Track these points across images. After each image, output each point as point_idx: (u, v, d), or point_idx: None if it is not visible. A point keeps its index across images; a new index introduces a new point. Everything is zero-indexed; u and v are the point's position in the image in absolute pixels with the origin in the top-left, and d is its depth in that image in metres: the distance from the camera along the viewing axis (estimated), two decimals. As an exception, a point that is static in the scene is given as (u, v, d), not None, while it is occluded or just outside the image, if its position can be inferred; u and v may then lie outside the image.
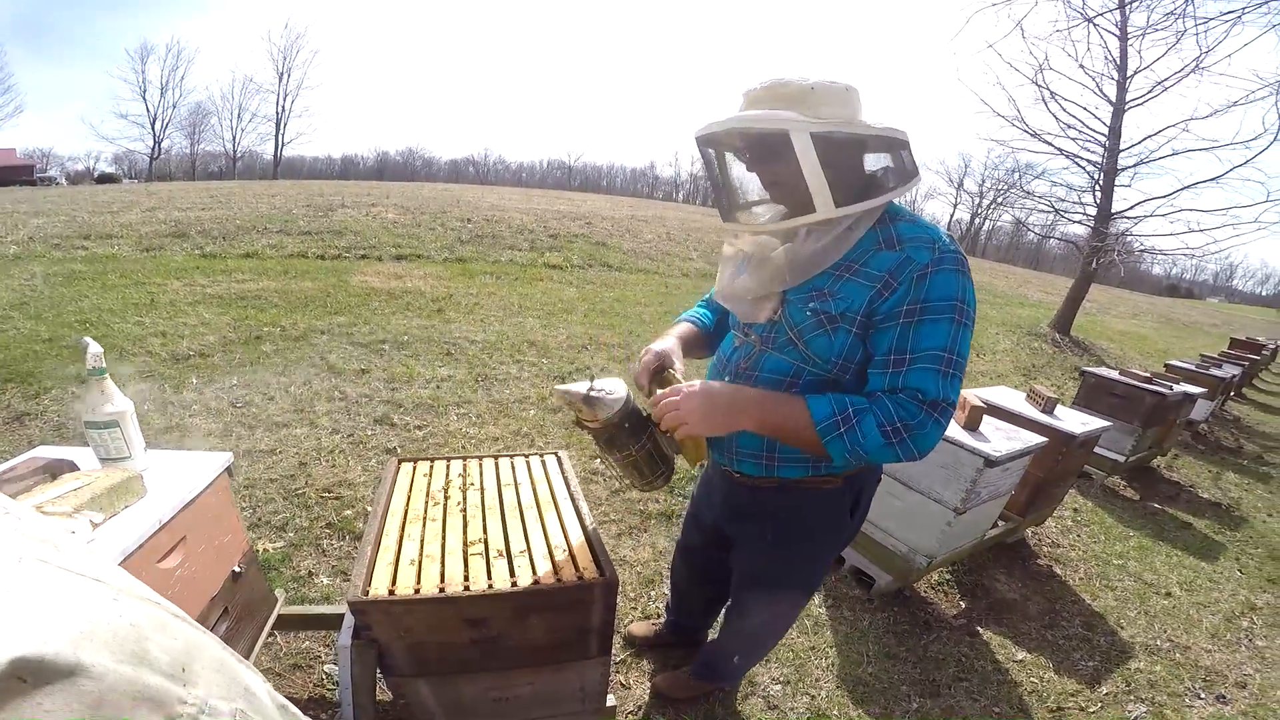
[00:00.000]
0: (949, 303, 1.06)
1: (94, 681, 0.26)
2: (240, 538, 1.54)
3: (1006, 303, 13.55)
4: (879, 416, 1.06)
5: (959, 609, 2.58)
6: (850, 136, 1.07)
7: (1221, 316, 29.32)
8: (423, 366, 4.26)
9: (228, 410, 3.36)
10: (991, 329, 9.34)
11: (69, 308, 4.85)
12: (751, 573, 1.51)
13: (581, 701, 1.30)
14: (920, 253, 1.07)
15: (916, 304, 1.06)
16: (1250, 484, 4.81)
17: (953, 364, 1.06)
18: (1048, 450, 2.63)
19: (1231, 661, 2.53)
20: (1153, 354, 10.22)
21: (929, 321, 1.06)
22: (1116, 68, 8.53)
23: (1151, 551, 3.37)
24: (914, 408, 1.05)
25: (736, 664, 1.76)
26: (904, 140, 1.13)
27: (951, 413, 1.08)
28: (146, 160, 43.06)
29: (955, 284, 1.06)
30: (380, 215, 10.19)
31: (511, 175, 76.20)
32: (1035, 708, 2.12)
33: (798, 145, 1.04)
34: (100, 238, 7.61)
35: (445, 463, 1.62)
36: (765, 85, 1.09)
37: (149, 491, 1.27)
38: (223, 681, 0.33)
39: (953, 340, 1.06)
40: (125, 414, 1.31)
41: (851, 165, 1.11)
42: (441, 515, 1.36)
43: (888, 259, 1.09)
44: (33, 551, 0.29)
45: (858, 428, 1.06)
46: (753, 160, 1.16)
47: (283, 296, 5.66)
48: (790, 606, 1.58)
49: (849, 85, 1.08)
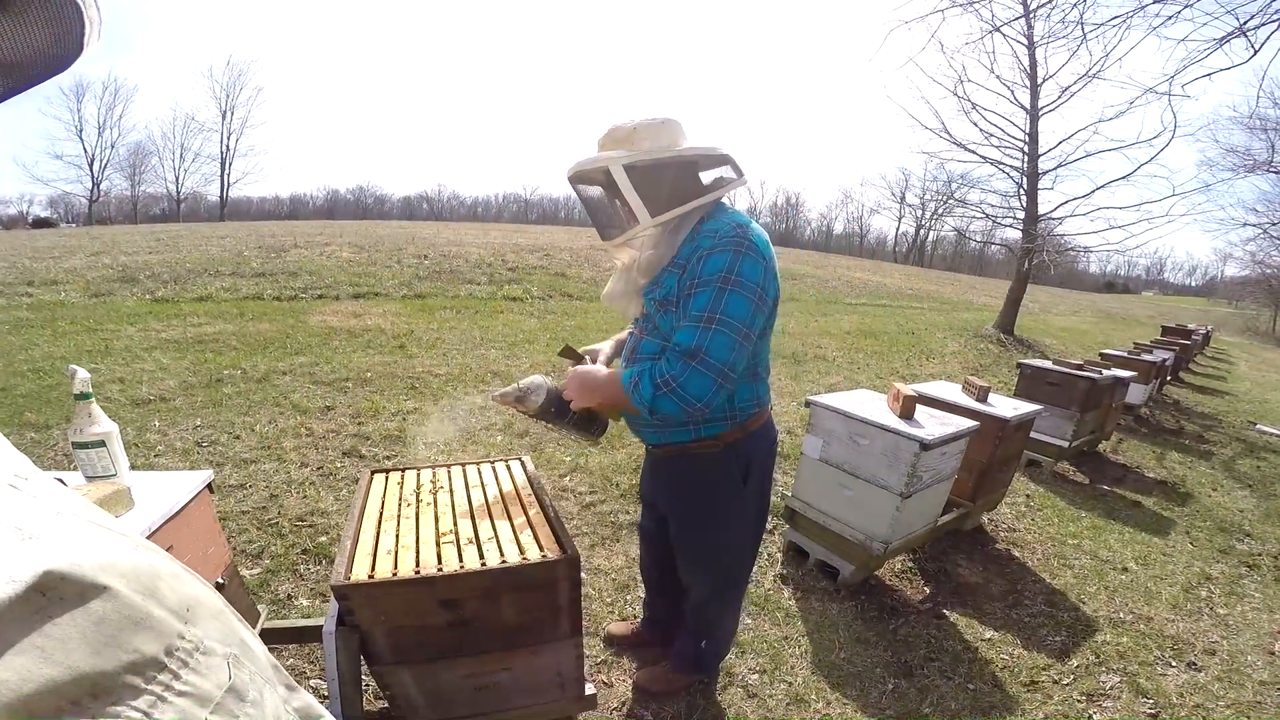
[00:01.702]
0: (717, 274, 1.31)
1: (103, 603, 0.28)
2: (223, 550, 1.60)
3: (953, 308, 14.12)
4: (652, 374, 1.33)
5: (924, 594, 2.70)
6: (655, 161, 1.35)
7: (1157, 309, 30.98)
8: (387, 401, 4.28)
9: (194, 450, 3.34)
10: (939, 333, 9.74)
11: (19, 356, 4.72)
12: (680, 543, 1.74)
13: (560, 688, 1.37)
14: (704, 240, 1.36)
15: (694, 280, 1.34)
16: (1193, 462, 5.11)
17: (715, 321, 1.29)
18: (985, 434, 2.83)
19: (1196, 630, 2.65)
20: (1092, 346, 10.76)
21: (698, 292, 1.32)
22: (1027, 75, 9.11)
23: (1105, 530, 3.54)
24: (675, 361, 1.31)
25: (706, 649, 1.89)
26: (718, 154, 1.43)
27: (714, 363, 1.29)
28: (85, 203, 41.42)
29: (725, 261, 1.31)
30: (335, 254, 10.13)
31: (467, 210, 75.72)
32: (1008, 682, 2.21)
33: (616, 176, 1.35)
34: (45, 284, 7.39)
35: (416, 471, 1.72)
36: (606, 133, 1.43)
37: (136, 504, 1.35)
38: (221, 629, 0.35)
39: (713, 303, 1.30)
40: (111, 434, 1.40)
41: (664, 182, 1.37)
42: (414, 514, 1.46)
43: (687, 249, 1.39)
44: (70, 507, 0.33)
45: (640, 386, 1.34)
46: (605, 192, 1.48)
47: (241, 339, 5.60)
48: (725, 575, 1.76)
49: (665, 119, 1.40)
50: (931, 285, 20.38)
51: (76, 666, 0.26)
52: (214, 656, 0.33)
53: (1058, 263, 9.92)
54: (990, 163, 9.72)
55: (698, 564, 1.75)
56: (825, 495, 2.64)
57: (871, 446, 2.43)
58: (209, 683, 0.31)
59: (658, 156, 1.36)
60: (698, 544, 1.71)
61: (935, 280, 23.26)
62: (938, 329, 10.12)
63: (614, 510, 3.03)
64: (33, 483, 0.33)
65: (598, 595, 2.43)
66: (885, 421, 2.40)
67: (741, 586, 1.86)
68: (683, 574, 1.81)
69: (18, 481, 0.32)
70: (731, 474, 1.57)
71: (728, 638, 1.97)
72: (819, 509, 2.67)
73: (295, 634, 1.78)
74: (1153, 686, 2.27)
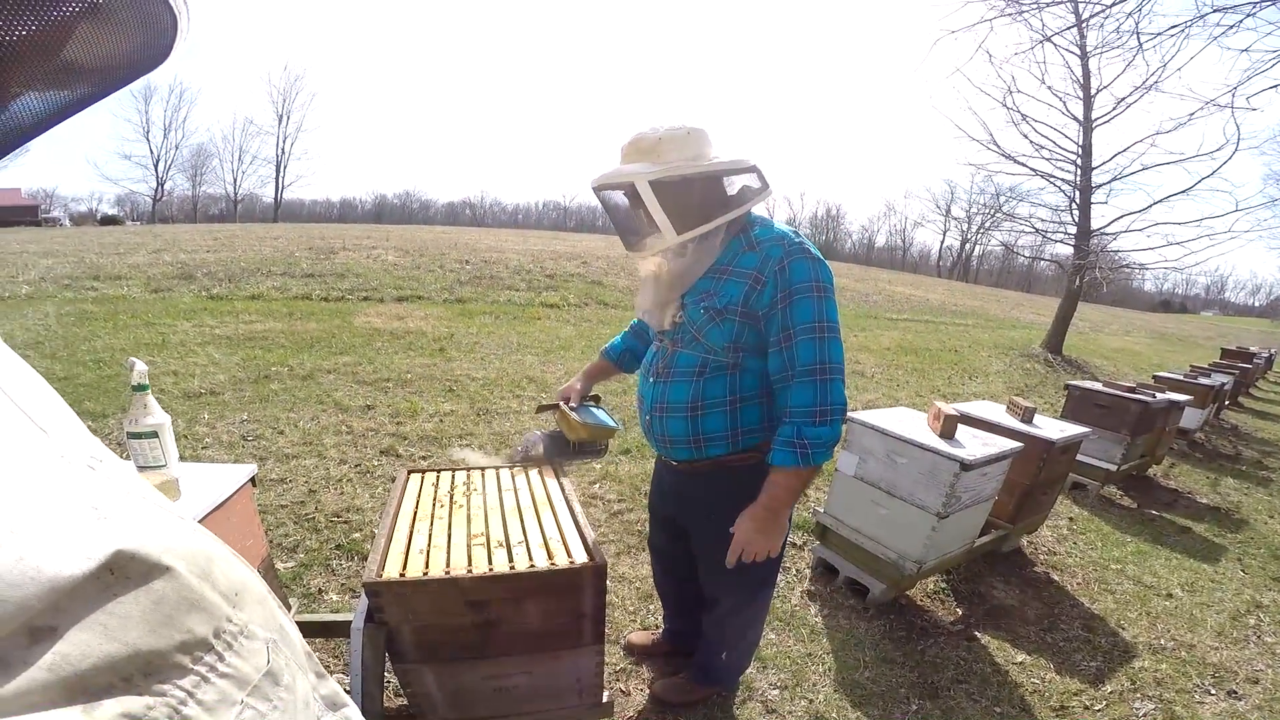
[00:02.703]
0: (806, 283, 1.34)
1: (164, 583, 0.29)
2: (260, 544, 1.66)
3: (999, 326, 13.70)
4: (800, 422, 1.35)
5: (956, 615, 2.62)
6: (682, 177, 1.34)
7: (1216, 330, 29.53)
8: (426, 402, 4.37)
9: (239, 443, 3.46)
10: (984, 351, 9.47)
11: (82, 347, 4.99)
12: (707, 558, 1.68)
13: (579, 695, 1.38)
14: (774, 249, 1.37)
15: (786, 291, 1.34)
16: (1250, 488, 4.84)
17: (824, 329, 1.34)
18: (1028, 456, 2.74)
19: (1241, 658, 2.52)
20: (1146, 369, 10.32)
21: (797, 303, 1.34)
22: (1080, 86, 8.79)
23: (1150, 555, 3.39)
24: (807, 384, 1.33)
25: (726, 661, 1.85)
26: (746, 166, 1.41)
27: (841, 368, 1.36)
28: (149, 202, 43.75)
29: (808, 269, 1.35)
30: (381, 258, 10.41)
31: (508, 217, 77.15)
32: (1038, 707, 2.13)
33: (641, 192, 1.34)
34: (109, 278, 7.80)
35: (450, 473, 1.75)
36: (630, 141, 1.40)
37: (183, 495, 1.41)
38: (264, 614, 0.37)
39: (817, 312, 1.34)
40: (164, 426, 1.45)
41: (691, 197, 1.37)
42: (447, 515, 1.49)
43: (752, 259, 1.38)
44: (138, 490, 0.35)
45: (807, 442, 1.34)
46: (630, 203, 1.45)
47: (289, 337, 5.80)
48: (752, 588, 1.71)
49: (691, 129, 1.36)
50: (976, 301, 19.86)
51: (134, 644, 0.27)
52: (255, 640, 0.34)
53: (1111, 280, 9.54)
54: (1040, 175, 9.42)
55: (726, 577, 1.67)
56: (858, 512, 2.59)
57: (910, 465, 2.38)
58: (249, 665, 0.32)
59: (685, 172, 1.35)
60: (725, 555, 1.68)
61: (980, 296, 22.63)
62: (982, 347, 9.84)
63: (641, 519, 3.02)
64: (107, 465, 0.34)
65: (621, 604, 2.42)
66: (925, 440, 2.35)
67: (767, 599, 1.83)
68: (706, 587, 1.77)
69: (93, 463, 0.33)
70: None
71: (749, 651, 1.95)
72: (851, 526, 2.62)
73: (323, 628, 1.83)
74: (1188, 715, 2.17)
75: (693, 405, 1.48)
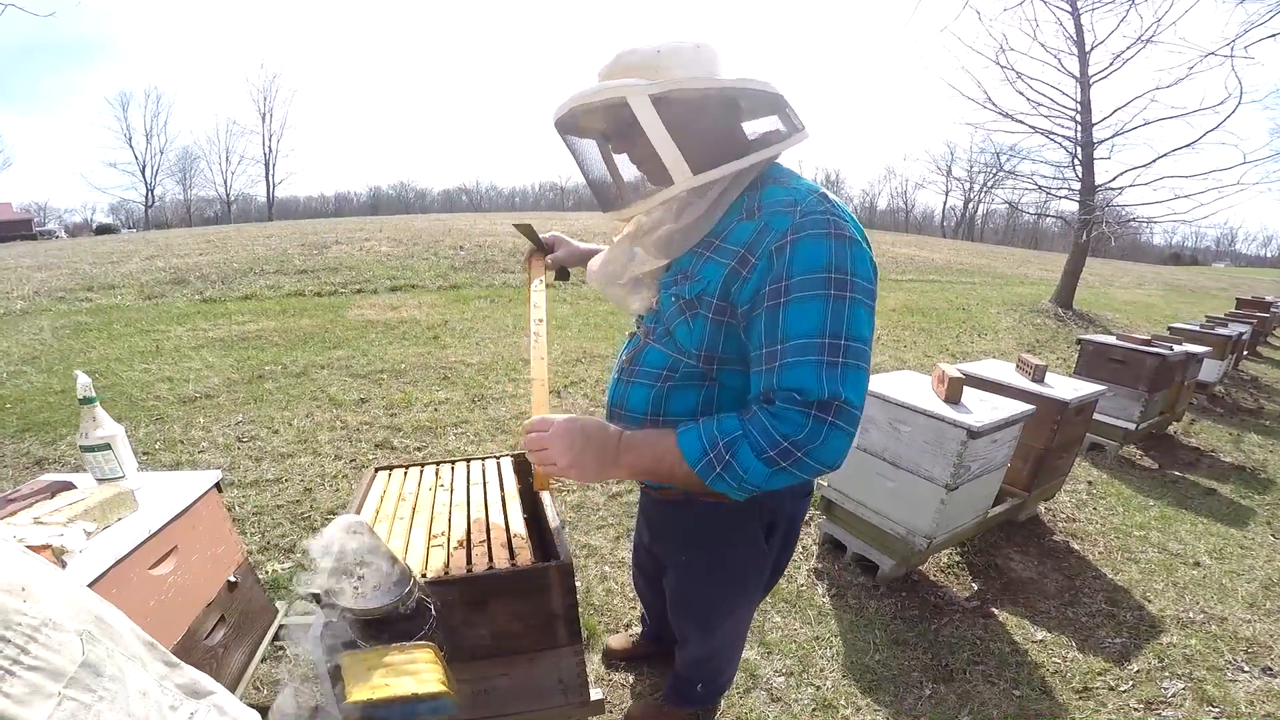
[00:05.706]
0: (818, 275, 0.89)
1: None
2: (234, 549, 1.61)
3: (1007, 282, 13.47)
4: (755, 441, 0.89)
5: (971, 591, 2.53)
6: (698, 93, 0.94)
7: (1229, 280, 28.99)
8: (420, 392, 4.31)
9: (235, 445, 3.43)
10: (992, 309, 9.30)
11: (78, 359, 4.97)
12: (680, 601, 1.43)
13: (564, 694, 1.31)
14: (778, 219, 0.93)
15: (779, 282, 0.91)
16: (1275, 444, 4.67)
17: (844, 350, 0.88)
18: (1041, 419, 2.62)
19: (1275, 631, 2.39)
20: (1160, 320, 10.12)
21: (796, 301, 0.89)
22: (1074, 42, 8.56)
23: (1175, 520, 3.25)
24: (796, 416, 0.87)
25: (702, 691, 1.67)
26: (772, 93, 0.99)
27: (855, 413, 0.89)
28: (142, 209, 43.95)
29: (824, 250, 0.89)
30: (374, 249, 10.31)
31: (505, 200, 76.83)
32: (1059, 688, 2.03)
33: (639, 112, 0.92)
34: (103, 288, 7.77)
35: (419, 468, 1.67)
36: (613, 58, 0.99)
37: (141, 505, 1.36)
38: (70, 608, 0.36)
39: (830, 319, 0.88)
40: (116, 437, 1.41)
41: (710, 126, 0.97)
42: (410, 514, 1.41)
43: (745, 230, 0.96)
44: None
45: (734, 462, 0.90)
46: (613, 142, 1.08)
47: (282, 335, 5.74)
48: (726, 636, 1.48)
49: (699, 43, 0.96)
50: (983, 259, 19.52)
51: None
52: (64, 633, 0.34)
53: (1118, 234, 9.34)
54: (1040, 132, 9.19)
55: (697, 623, 1.42)
56: (864, 485, 2.48)
57: (913, 434, 2.26)
58: (61, 658, 0.33)
59: (699, 86, 0.93)
60: (699, 601, 1.38)
61: (987, 254, 22.24)
62: (990, 304, 9.65)
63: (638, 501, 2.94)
64: None
65: (620, 590, 2.35)
66: (928, 406, 2.23)
67: (743, 639, 1.57)
68: (676, 628, 1.50)
69: None
70: (752, 532, 1.23)
71: (728, 681, 1.74)
72: (857, 500, 2.52)
73: (308, 632, 1.77)
74: (1220, 694, 2.05)
75: (650, 416, 1.12)
